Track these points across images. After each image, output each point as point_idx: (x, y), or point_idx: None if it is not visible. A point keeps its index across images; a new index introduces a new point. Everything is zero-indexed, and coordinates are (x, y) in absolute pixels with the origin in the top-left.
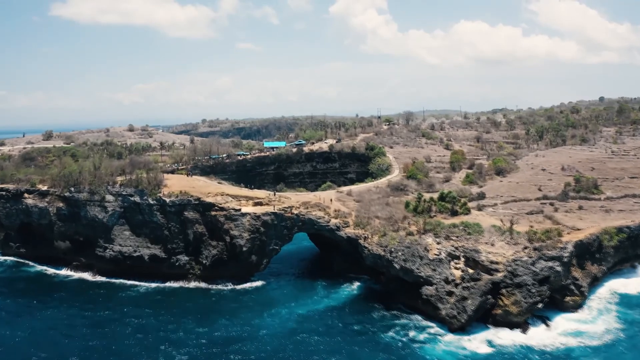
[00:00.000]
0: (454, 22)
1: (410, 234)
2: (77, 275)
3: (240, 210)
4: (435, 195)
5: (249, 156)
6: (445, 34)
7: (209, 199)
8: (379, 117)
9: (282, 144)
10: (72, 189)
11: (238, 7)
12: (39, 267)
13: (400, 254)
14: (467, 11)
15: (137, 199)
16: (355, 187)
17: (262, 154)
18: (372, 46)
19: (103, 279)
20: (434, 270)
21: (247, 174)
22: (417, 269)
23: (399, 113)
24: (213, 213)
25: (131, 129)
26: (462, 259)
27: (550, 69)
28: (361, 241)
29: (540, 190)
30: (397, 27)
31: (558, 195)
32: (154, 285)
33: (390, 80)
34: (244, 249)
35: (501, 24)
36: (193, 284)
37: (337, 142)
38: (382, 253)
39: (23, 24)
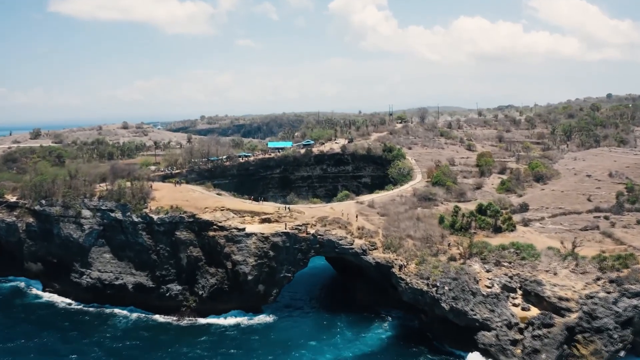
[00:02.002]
0: (453, 18)
1: (452, 259)
2: (47, 297)
3: (244, 229)
4: (472, 207)
5: (251, 158)
6: (446, 31)
7: (206, 216)
8: (391, 114)
9: (288, 144)
10: (43, 201)
11: (237, 4)
12: (13, 283)
13: (447, 289)
14: (466, 7)
15: (118, 215)
16: (377, 197)
17: (267, 155)
18: (372, 43)
19: (78, 306)
20: (492, 311)
21: (249, 178)
22: (471, 309)
23: (403, 110)
24: (211, 233)
25: (125, 127)
26: (520, 292)
27: (551, 66)
28: (395, 270)
29: (590, 200)
30: (397, 23)
31: (612, 207)
32: (136, 315)
33: (391, 77)
34: (249, 277)
35: (501, 20)
36: (187, 320)
37: (349, 142)
38: (425, 288)
39: (21, 20)
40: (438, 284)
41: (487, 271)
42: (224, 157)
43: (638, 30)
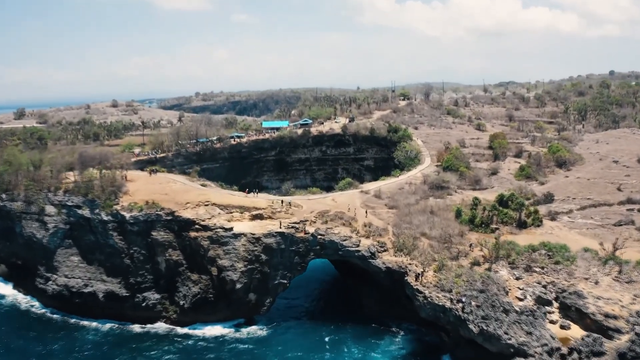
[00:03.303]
0: None
1: (476, 263)
2: (10, 298)
3: (231, 229)
4: (489, 196)
5: (244, 139)
6: (444, 6)
7: (187, 213)
8: (393, 91)
9: (284, 123)
10: (4, 195)
11: None
12: None
13: (474, 305)
14: None
15: (86, 212)
16: (384, 185)
17: (261, 136)
18: (369, 18)
19: (42, 310)
20: (529, 333)
21: (242, 161)
22: (505, 332)
23: (402, 86)
24: (193, 234)
25: (114, 105)
26: (557, 305)
27: (550, 42)
28: (410, 279)
29: (620, 190)
30: None
31: None
32: (109, 327)
33: (389, 53)
34: (238, 285)
35: None
36: (165, 327)
37: (350, 121)
38: (448, 304)
39: None
40: (463, 300)
41: (517, 279)
42: (215, 138)
43: (638, 6)
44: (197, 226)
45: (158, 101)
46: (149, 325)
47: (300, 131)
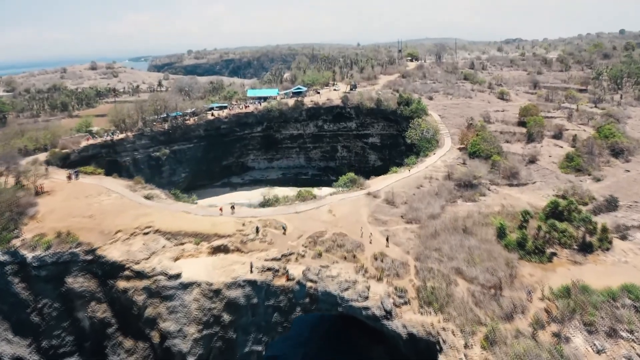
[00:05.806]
0: None
1: (539, 324)
2: None
3: (179, 275)
4: (534, 198)
5: (223, 113)
6: None
7: (115, 251)
8: (400, 51)
9: (273, 92)
10: None
11: None
12: None
13: None
14: None
15: None
16: (397, 182)
17: (245, 109)
18: None
19: None
20: None
21: (221, 139)
22: None
23: (404, 41)
24: (122, 285)
25: (93, 68)
26: None
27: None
28: None
29: None
30: None
31: None
32: None
33: (387, 8)
34: (190, 358)
35: None
36: None
37: (351, 89)
38: None
39: None
40: None
41: (599, 352)
42: (189, 111)
43: None
44: (128, 272)
45: (153, 58)
46: None
47: (291, 102)
